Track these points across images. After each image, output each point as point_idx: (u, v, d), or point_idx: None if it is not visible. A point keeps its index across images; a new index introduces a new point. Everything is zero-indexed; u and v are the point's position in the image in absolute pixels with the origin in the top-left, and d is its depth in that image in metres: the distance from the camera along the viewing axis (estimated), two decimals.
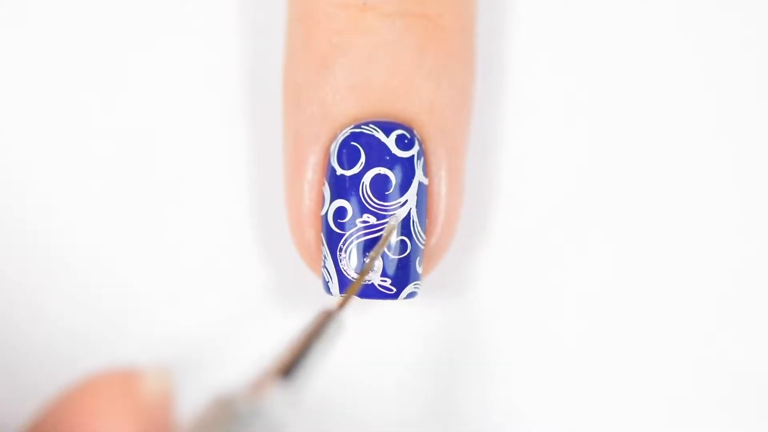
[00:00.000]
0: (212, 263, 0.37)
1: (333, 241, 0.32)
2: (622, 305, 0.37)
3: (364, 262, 0.32)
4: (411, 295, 0.33)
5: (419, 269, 0.33)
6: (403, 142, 0.32)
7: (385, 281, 0.32)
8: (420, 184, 0.32)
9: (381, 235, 0.32)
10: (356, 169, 0.32)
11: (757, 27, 0.37)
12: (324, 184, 0.33)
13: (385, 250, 0.32)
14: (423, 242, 0.33)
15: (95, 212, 0.37)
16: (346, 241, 0.32)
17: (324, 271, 0.33)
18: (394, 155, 0.32)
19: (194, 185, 0.37)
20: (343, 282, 0.32)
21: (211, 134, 0.37)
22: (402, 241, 0.32)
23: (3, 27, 0.37)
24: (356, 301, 0.36)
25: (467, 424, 0.37)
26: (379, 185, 0.32)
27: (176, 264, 0.37)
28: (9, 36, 0.37)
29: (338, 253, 0.32)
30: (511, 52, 0.37)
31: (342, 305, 0.30)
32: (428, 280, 0.36)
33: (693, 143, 0.37)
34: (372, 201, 0.32)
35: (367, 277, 0.32)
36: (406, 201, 0.32)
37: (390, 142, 0.32)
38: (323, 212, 0.33)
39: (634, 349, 0.37)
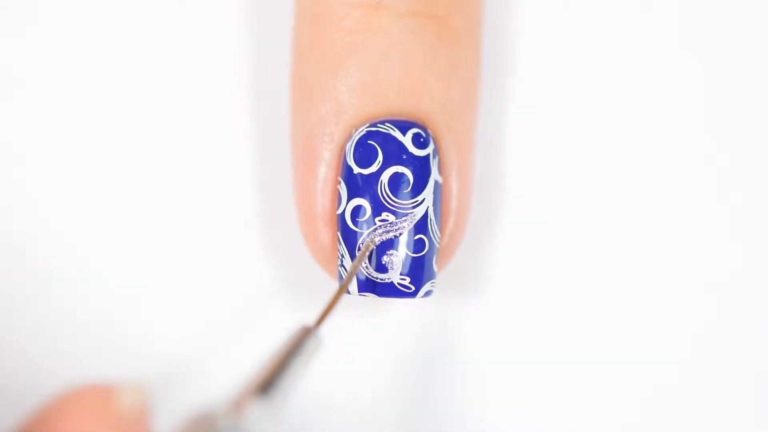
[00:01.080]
0: (216, 264, 0.37)
1: (351, 239, 0.32)
2: (628, 304, 0.37)
3: (382, 260, 0.32)
4: (428, 293, 0.33)
5: (435, 268, 0.33)
6: (419, 141, 0.32)
7: (404, 279, 0.32)
8: (435, 182, 0.32)
9: (400, 233, 0.32)
10: (374, 168, 0.32)
11: (757, 27, 0.38)
12: (338, 183, 0.33)
13: (405, 248, 0.32)
14: (438, 240, 0.33)
15: (99, 214, 0.36)
16: (365, 239, 0.32)
17: (341, 269, 0.32)
18: (411, 154, 0.32)
19: (198, 187, 0.37)
20: (361, 281, 0.32)
21: (214, 136, 0.37)
22: (420, 239, 0.32)
23: (2, 26, 0.37)
24: (366, 300, 0.36)
25: (470, 423, 0.37)
26: (397, 183, 0.32)
27: (179, 266, 0.36)
28: (8, 35, 0.37)
29: (357, 251, 0.32)
30: (514, 52, 0.38)
31: (320, 321, 0.30)
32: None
33: (696, 143, 0.37)
34: (390, 199, 0.32)
35: (386, 276, 0.32)
36: (424, 199, 0.32)
37: (407, 140, 0.32)
38: (339, 211, 0.32)
39: (640, 347, 0.37)
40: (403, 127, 0.32)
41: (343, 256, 0.32)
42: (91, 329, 0.36)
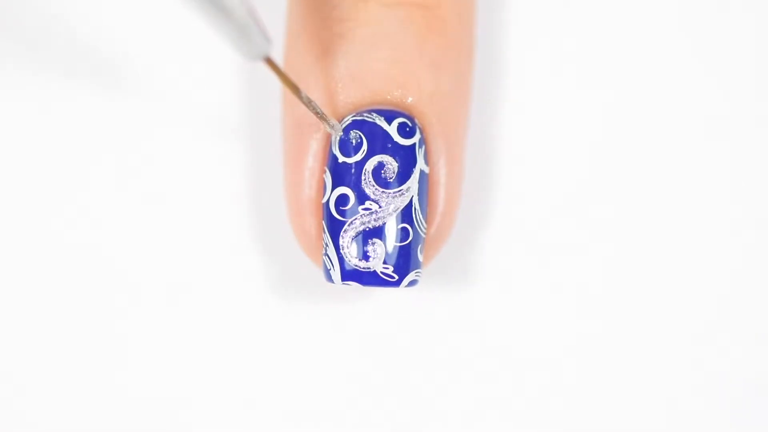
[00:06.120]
0: (206, 255, 0.37)
1: (335, 228, 0.32)
2: (622, 299, 0.37)
3: (365, 249, 0.32)
4: (412, 283, 0.32)
5: (420, 257, 0.33)
6: (405, 130, 0.32)
7: (387, 268, 0.32)
8: (421, 172, 0.32)
9: (383, 222, 0.32)
10: (358, 157, 0.32)
11: (757, 27, 0.37)
12: (324, 172, 0.33)
13: (389, 237, 0.32)
14: (424, 230, 0.33)
15: (88, 208, 0.37)
16: (348, 228, 0.32)
17: (325, 258, 0.33)
18: (396, 143, 0.32)
19: (190, 181, 0.37)
20: (345, 270, 0.32)
21: (206, 129, 0.37)
22: (404, 228, 0.32)
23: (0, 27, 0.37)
24: (356, 289, 0.36)
25: (465, 415, 0.37)
26: (381, 172, 0.32)
27: (173, 260, 0.37)
28: (3, 36, 0.37)
29: (340, 240, 0.32)
30: (511, 45, 0.37)
31: None
32: (427, 269, 0.36)
33: (693, 143, 0.37)
34: (374, 188, 0.32)
35: (369, 265, 0.32)
36: (409, 188, 0.32)
37: (392, 129, 0.32)
38: (324, 200, 0.33)
39: (632, 344, 0.37)
40: (389, 116, 0.32)
41: (327, 245, 0.32)
42: (81, 327, 0.36)
